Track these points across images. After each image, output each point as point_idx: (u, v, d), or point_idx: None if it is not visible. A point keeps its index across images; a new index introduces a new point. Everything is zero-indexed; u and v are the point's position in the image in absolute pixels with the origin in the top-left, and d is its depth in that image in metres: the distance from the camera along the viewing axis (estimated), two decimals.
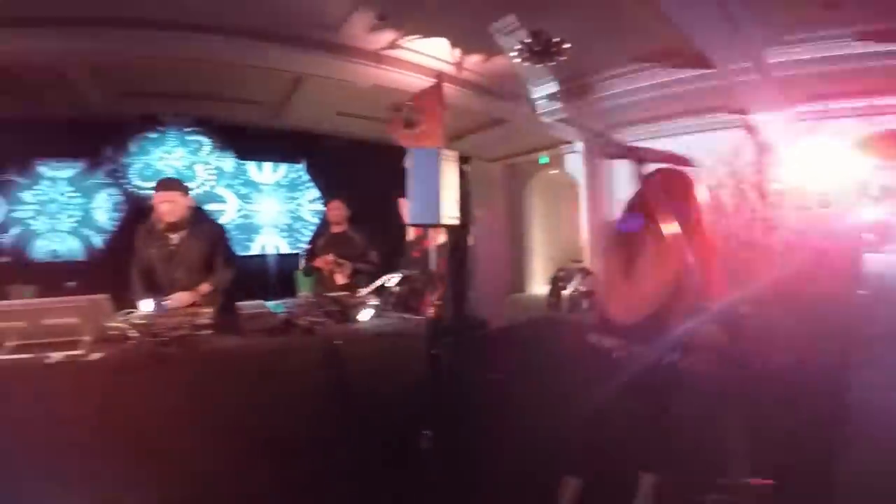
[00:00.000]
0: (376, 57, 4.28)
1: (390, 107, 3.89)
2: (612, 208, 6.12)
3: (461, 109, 4.97)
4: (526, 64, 4.09)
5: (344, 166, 5.88)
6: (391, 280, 2.77)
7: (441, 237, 3.35)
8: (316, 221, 6.24)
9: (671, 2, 3.08)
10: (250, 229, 6.18)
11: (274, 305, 2.44)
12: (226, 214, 5.92)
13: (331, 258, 3.68)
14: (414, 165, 2.26)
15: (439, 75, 3.67)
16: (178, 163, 5.62)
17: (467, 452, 2.49)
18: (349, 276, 3.66)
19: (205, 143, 5.76)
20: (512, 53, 4.04)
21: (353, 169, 5.72)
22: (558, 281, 6.84)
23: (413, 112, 3.70)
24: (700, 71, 4.19)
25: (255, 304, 2.42)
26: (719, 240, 1.88)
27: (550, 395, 2.42)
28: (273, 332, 2.23)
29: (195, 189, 5.55)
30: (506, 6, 3.65)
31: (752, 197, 4.17)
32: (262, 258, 6.20)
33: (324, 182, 6.39)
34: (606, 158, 6.21)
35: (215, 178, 5.87)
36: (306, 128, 5.98)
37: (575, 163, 7.27)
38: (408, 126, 3.73)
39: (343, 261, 3.66)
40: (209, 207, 5.21)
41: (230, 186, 6.03)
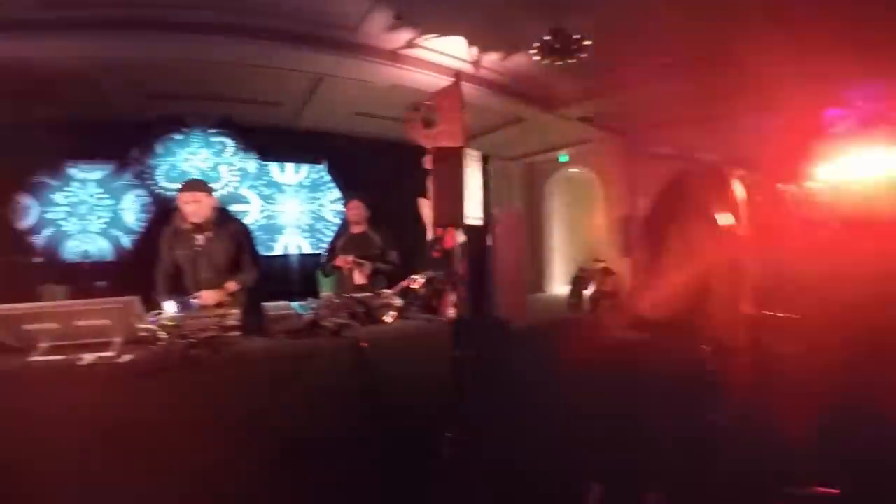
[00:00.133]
0: (394, 56, 4.29)
1: (409, 106, 3.88)
2: (637, 205, 6.01)
3: (480, 108, 4.94)
4: (546, 62, 4.04)
5: (363, 166, 5.90)
6: (416, 281, 2.76)
7: (461, 237, 3.32)
8: (337, 221, 6.30)
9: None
10: (273, 230, 6.26)
11: (299, 306, 2.43)
12: (249, 215, 5.99)
13: (351, 258, 3.69)
14: (437, 166, 2.24)
15: (457, 74, 3.64)
16: (203, 164, 5.70)
17: (491, 453, 2.49)
18: (369, 277, 3.66)
19: (228, 145, 5.84)
20: (531, 51, 4.00)
21: (373, 169, 5.74)
22: (579, 281, 6.79)
23: (432, 112, 3.67)
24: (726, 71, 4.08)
25: (282, 306, 2.42)
26: (757, 238, 1.81)
27: (574, 398, 2.38)
28: (299, 334, 2.24)
29: (219, 190, 5.65)
30: (523, 4, 3.61)
31: (791, 195, 4.02)
32: (285, 258, 6.27)
33: (343, 182, 6.44)
34: (632, 157, 6.10)
35: (239, 179, 5.95)
36: (326, 128, 6.03)
37: (596, 161, 7.19)
38: (427, 126, 3.71)
39: (363, 261, 3.67)
40: (233, 208, 5.30)
41: (253, 187, 6.11)
